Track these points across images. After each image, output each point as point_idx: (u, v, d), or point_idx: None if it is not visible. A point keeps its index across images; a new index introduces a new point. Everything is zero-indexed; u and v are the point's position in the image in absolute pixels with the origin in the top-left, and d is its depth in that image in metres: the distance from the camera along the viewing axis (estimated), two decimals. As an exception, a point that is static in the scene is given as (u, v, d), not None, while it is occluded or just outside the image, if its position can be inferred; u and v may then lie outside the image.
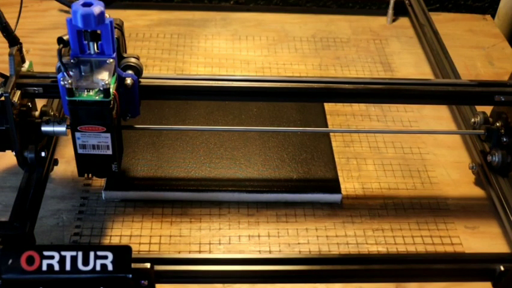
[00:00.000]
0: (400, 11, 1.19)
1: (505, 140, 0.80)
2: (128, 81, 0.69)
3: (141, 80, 0.73)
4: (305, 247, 0.75)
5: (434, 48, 1.06)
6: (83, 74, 0.66)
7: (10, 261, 0.55)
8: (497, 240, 0.78)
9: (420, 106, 0.97)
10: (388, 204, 0.82)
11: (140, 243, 0.74)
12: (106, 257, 0.56)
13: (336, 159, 0.85)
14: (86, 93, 0.65)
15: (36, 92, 0.73)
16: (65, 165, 0.83)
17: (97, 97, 0.65)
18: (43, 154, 0.76)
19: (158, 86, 0.75)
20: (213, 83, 0.75)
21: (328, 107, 0.94)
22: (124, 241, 0.75)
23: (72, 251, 0.56)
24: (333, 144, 0.88)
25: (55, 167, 0.81)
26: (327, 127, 0.90)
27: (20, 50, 0.75)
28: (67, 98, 0.65)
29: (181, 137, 0.85)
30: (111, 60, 0.67)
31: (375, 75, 1.04)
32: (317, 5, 1.25)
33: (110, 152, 0.69)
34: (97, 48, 0.67)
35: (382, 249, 0.76)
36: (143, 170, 0.81)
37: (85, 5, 0.64)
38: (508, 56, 1.12)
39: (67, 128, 0.76)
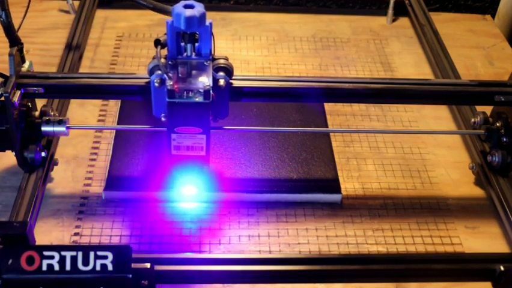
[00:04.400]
0: (400, 11, 1.19)
1: (505, 140, 0.80)
2: (222, 82, 0.68)
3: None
4: (305, 247, 0.75)
5: (434, 48, 1.06)
6: (180, 75, 0.65)
7: (10, 261, 0.55)
8: (497, 240, 0.78)
9: (420, 106, 0.97)
10: (388, 204, 0.82)
11: (140, 243, 0.74)
12: (106, 257, 0.56)
13: (336, 159, 0.85)
14: (185, 94, 0.65)
15: (36, 92, 0.73)
16: (65, 165, 0.83)
17: (196, 99, 0.65)
18: (43, 154, 0.76)
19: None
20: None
21: (328, 107, 0.94)
22: (124, 241, 0.75)
23: (72, 251, 0.56)
24: (333, 144, 0.88)
25: (55, 167, 0.81)
26: (327, 127, 0.90)
27: (20, 50, 0.76)
28: (168, 99, 0.64)
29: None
30: (209, 62, 0.67)
31: (375, 75, 1.04)
32: (317, 5, 1.25)
33: (203, 153, 0.69)
34: (194, 50, 0.67)
35: (382, 249, 0.76)
36: (143, 170, 0.81)
37: (186, 7, 0.64)
38: (508, 56, 1.12)
39: (67, 128, 0.76)
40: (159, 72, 0.66)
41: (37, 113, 0.77)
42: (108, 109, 0.93)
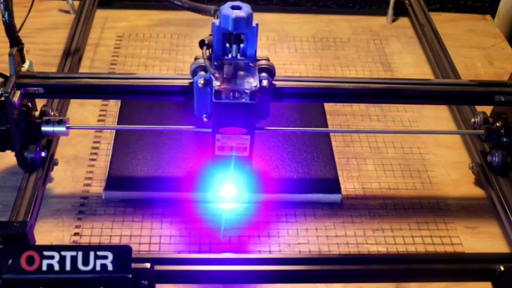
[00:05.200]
0: (400, 11, 1.19)
1: (505, 140, 0.80)
2: (265, 83, 0.67)
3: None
4: (305, 247, 0.75)
5: (434, 48, 1.06)
6: (225, 76, 0.65)
7: (10, 261, 0.55)
8: (497, 240, 0.78)
9: (420, 106, 0.97)
10: (388, 204, 0.82)
11: (140, 243, 0.74)
12: (106, 257, 0.56)
13: (336, 159, 0.85)
14: (232, 95, 0.65)
15: (37, 92, 0.73)
16: (65, 165, 0.83)
17: (243, 99, 0.65)
18: (43, 154, 0.76)
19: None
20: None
21: (328, 107, 0.94)
22: (124, 241, 0.75)
23: (72, 251, 0.56)
24: (333, 144, 0.88)
25: (55, 167, 0.81)
26: (327, 127, 0.90)
27: (21, 50, 0.76)
28: (214, 100, 0.64)
29: (181, 137, 0.85)
30: (254, 62, 0.67)
31: (375, 75, 1.04)
32: (317, 5, 1.25)
33: (247, 153, 0.69)
34: (239, 51, 0.67)
35: (382, 249, 0.76)
36: (143, 170, 0.81)
37: (234, 8, 0.64)
38: (508, 56, 1.12)
39: (67, 128, 0.76)
40: (202, 73, 0.67)
41: (37, 113, 0.77)
42: (108, 109, 0.93)
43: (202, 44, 0.67)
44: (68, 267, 0.56)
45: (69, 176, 0.82)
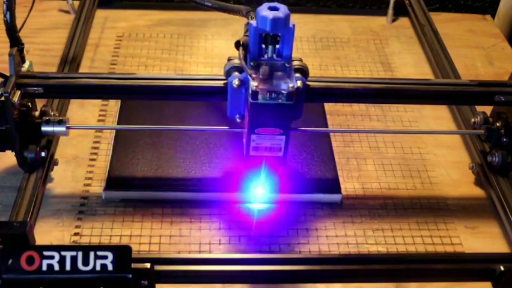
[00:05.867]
0: (400, 11, 1.19)
1: (505, 140, 0.80)
2: (299, 84, 0.67)
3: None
4: (305, 247, 0.75)
5: (434, 48, 1.06)
6: (261, 77, 0.65)
7: (10, 261, 0.55)
8: (497, 240, 0.78)
9: (420, 106, 0.97)
10: (388, 204, 0.82)
11: (140, 243, 0.74)
12: (106, 257, 0.56)
13: (336, 159, 0.85)
14: (269, 96, 0.65)
15: (36, 92, 0.73)
16: (65, 165, 0.83)
17: (280, 100, 0.65)
18: (43, 154, 0.76)
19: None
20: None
21: (328, 107, 0.94)
22: (124, 241, 0.75)
23: (72, 251, 0.56)
24: (333, 144, 0.88)
25: (55, 167, 0.81)
26: (327, 127, 0.90)
27: (21, 50, 0.76)
28: (251, 100, 0.64)
29: (181, 137, 0.85)
30: (290, 63, 0.67)
31: (375, 75, 1.04)
32: (317, 5, 1.25)
33: (281, 154, 0.69)
34: (274, 52, 0.67)
35: (382, 249, 0.76)
36: (143, 170, 0.81)
37: (271, 9, 0.64)
38: (508, 56, 1.12)
39: (67, 128, 0.76)
40: (236, 73, 0.68)
41: (37, 113, 0.77)
42: (108, 109, 0.93)
43: (237, 45, 0.68)
44: (68, 267, 0.56)
45: (69, 176, 0.82)
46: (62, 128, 0.76)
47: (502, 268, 0.63)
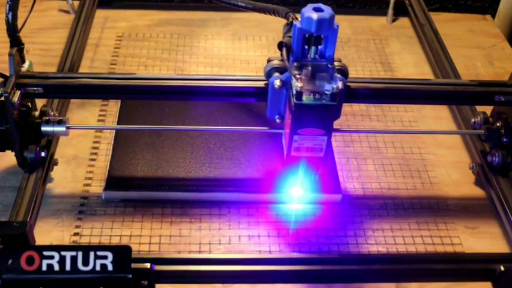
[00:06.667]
0: (400, 11, 1.19)
1: (505, 140, 0.80)
2: (340, 84, 0.67)
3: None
4: (305, 247, 0.75)
5: (434, 48, 1.06)
6: (304, 77, 0.65)
7: (10, 261, 0.55)
8: (497, 240, 0.78)
9: (420, 106, 0.97)
10: (388, 204, 0.82)
11: (140, 243, 0.74)
12: (106, 257, 0.56)
13: (336, 159, 0.85)
14: (313, 96, 0.65)
15: (36, 92, 0.73)
16: (65, 165, 0.83)
17: (323, 101, 0.65)
18: (43, 154, 0.76)
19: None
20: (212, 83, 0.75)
21: (328, 107, 0.94)
22: (124, 241, 0.75)
23: (72, 251, 0.56)
24: (333, 144, 0.88)
25: (55, 167, 0.81)
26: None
27: (21, 50, 0.76)
28: (295, 101, 0.64)
29: (181, 137, 0.85)
30: (333, 64, 0.67)
31: (375, 75, 1.04)
32: (317, 5, 1.25)
33: (321, 154, 0.69)
34: (317, 52, 0.67)
35: (382, 249, 0.76)
36: (143, 170, 0.81)
37: (316, 10, 0.64)
38: (508, 56, 1.12)
39: (67, 128, 0.76)
40: (277, 74, 0.68)
41: (37, 113, 0.77)
42: (108, 109, 0.93)
43: (281, 46, 0.68)
44: (68, 267, 0.56)
45: (69, 176, 0.82)
46: (62, 128, 0.76)
47: (502, 268, 0.63)
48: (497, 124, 0.81)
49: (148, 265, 0.59)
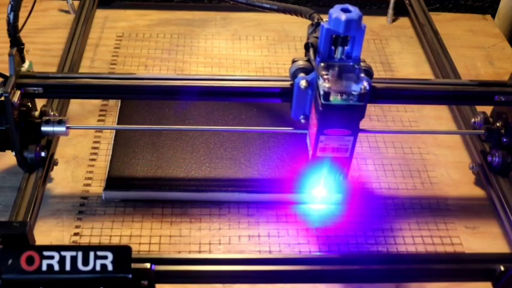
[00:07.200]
0: (400, 11, 1.19)
1: (505, 140, 0.80)
2: (366, 85, 0.67)
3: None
4: (305, 247, 0.75)
5: (434, 48, 1.06)
6: (331, 78, 0.65)
7: (10, 261, 0.55)
8: (497, 240, 0.78)
9: (420, 106, 0.97)
10: (388, 204, 0.82)
11: (140, 243, 0.74)
12: (106, 257, 0.56)
13: (336, 159, 0.85)
14: (340, 97, 0.65)
15: (36, 92, 0.73)
16: (65, 165, 0.83)
17: (351, 101, 0.65)
18: (43, 154, 0.76)
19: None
20: (212, 83, 0.75)
21: (328, 107, 0.94)
22: (124, 241, 0.75)
23: (72, 251, 0.56)
24: (333, 144, 0.88)
25: (55, 167, 0.81)
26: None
27: (21, 50, 0.76)
28: (323, 101, 0.64)
29: (181, 137, 0.85)
30: (359, 64, 0.67)
31: (375, 75, 1.04)
32: (317, 5, 1.25)
33: (347, 155, 0.69)
34: (343, 53, 0.67)
35: (382, 249, 0.76)
36: (143, 170, 0.81)
37: (344, 10, 0.64)
38: (508, 56, 1.12)
39: (67, 128, 0.76)
40: (302, 74, 0.68)
41: (37, 113, 0.77)
42: (108, 109, 0.93)
43: (307, 46, 0.68)
44: (68, 267, 0.55)
45: (69, 176, 0.82)
46: (62, 128, 0.76)
47: (502, 268, 0.63)
48: (497, 124, 0.81)
49: (148, 265, 0.58)
